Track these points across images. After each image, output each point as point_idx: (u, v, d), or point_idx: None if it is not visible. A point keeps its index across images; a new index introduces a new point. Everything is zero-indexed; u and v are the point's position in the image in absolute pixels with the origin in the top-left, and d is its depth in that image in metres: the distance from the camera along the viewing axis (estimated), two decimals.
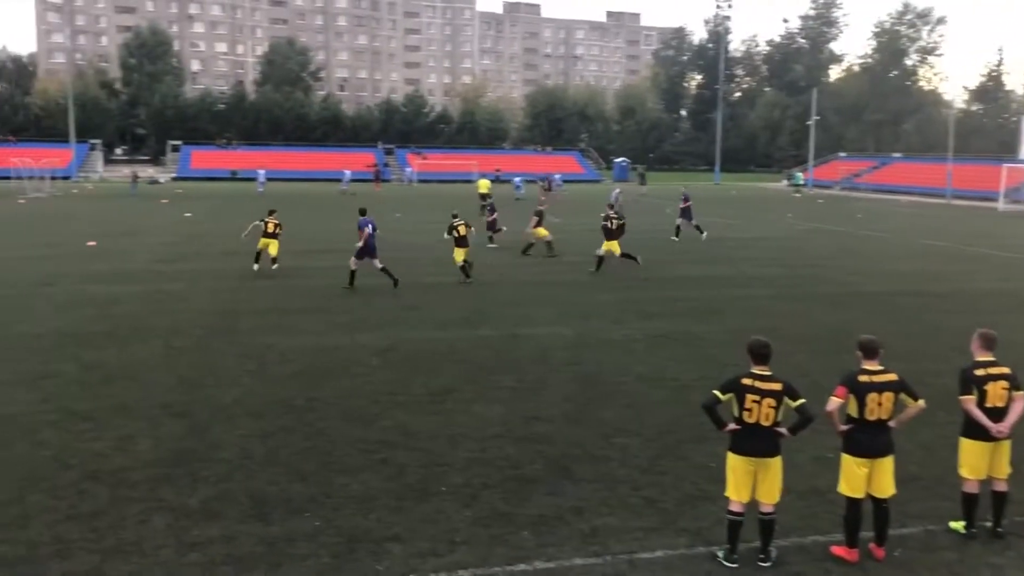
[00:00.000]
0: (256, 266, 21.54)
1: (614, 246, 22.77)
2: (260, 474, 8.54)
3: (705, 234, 31.45)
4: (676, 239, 30.92)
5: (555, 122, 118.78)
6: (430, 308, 17.60)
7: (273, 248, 21.81)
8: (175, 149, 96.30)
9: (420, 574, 6.62)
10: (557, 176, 66.98)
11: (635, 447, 9.49)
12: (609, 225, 22.79)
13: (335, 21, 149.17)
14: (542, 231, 26.22)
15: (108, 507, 7.72)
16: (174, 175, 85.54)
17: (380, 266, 19.54)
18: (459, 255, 21.44)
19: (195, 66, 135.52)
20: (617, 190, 33.99)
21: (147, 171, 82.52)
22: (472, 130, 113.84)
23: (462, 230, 21.55)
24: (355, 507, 7.80)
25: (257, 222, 22.38)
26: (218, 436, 9.65)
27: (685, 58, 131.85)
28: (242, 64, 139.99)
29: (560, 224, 32.44)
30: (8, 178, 63.79)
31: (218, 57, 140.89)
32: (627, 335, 15.23)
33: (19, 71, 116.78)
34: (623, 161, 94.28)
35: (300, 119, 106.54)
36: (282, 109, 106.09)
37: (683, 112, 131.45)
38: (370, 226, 19.73)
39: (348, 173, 66.82)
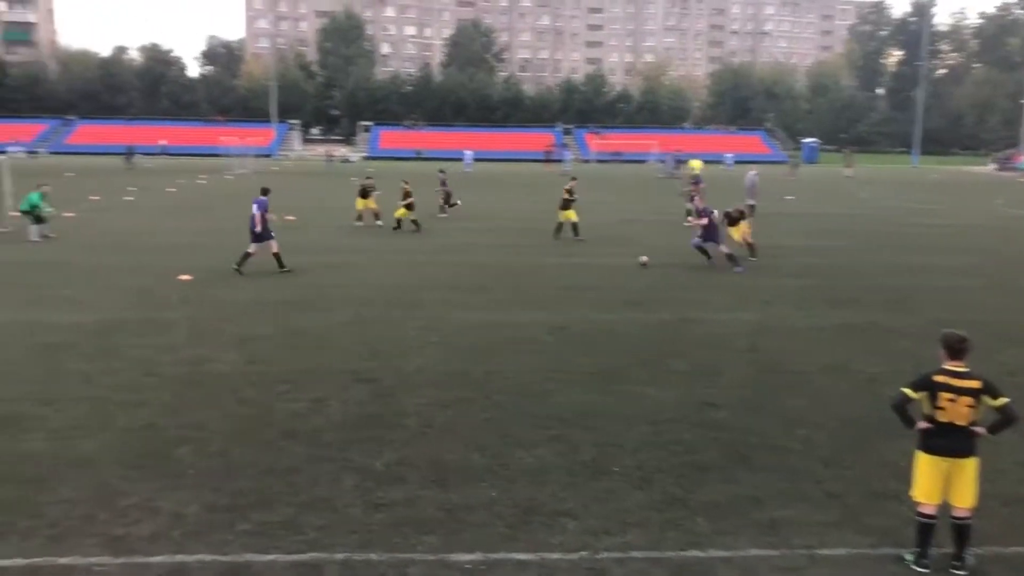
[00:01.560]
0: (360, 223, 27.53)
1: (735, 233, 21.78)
2: (440, 442, 8.86)
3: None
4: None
5: (740, 101, 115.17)
6: (603, 289, 17.57)
7: (366, 204, 28.10)
8: (366, 129, 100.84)
9: (593, 551, 6.67)
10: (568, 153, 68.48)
11: (818, 439, 9.10)
12: (733, 213, 21.82)
13: (519, 2, 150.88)
14: (570, 213, 25.25)
15: (303, 464, 8.25)
16: (364, 154, 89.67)
17: (274, 250, 19.13)
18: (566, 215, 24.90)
19: (385, 49, 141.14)
20: (753, 171, 32.24)
21: (340, 150, 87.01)
22: (652, 109, 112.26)
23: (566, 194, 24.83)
24: (530, 480, 7.95)
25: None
26: (402, 403, 10.08)
27: (884, 33, 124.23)
28: (429, 46, 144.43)
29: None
30: (217, 155, 69.07)
31: (407, 40, 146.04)
32: (812, 323, 14.60)
33: (229, 56, 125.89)
34: (813, 142, 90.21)
35: (482, 100, 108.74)
36: (466, 90, 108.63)
37: (880, 90, 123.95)
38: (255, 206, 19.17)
39: (567, 155, 67.33)
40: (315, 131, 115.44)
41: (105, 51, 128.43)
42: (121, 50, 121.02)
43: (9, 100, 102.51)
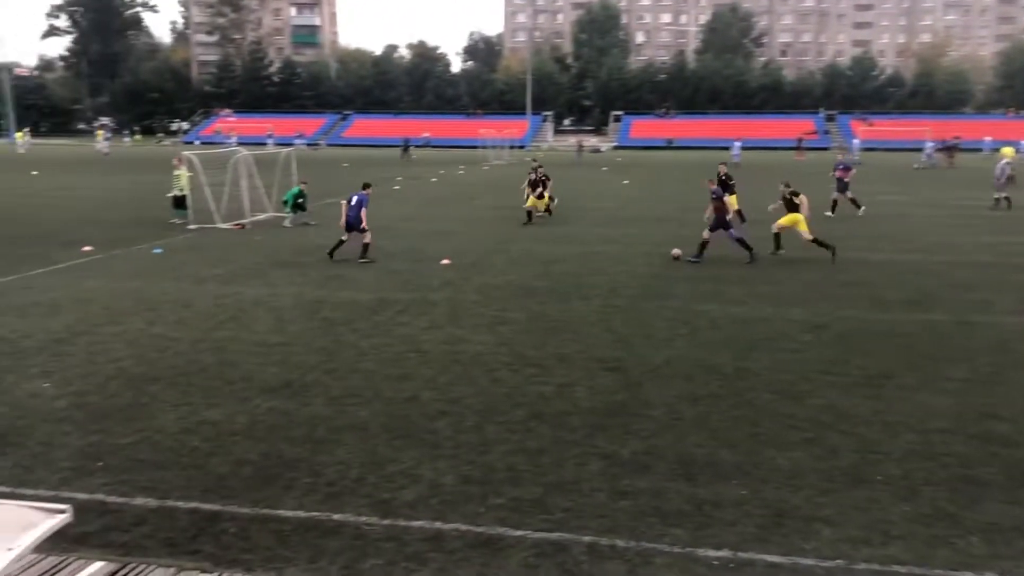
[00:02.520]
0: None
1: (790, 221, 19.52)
2: (688, 435, 8.74)
3: (863, 209, 27.85)
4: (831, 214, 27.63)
5: None
6: (870, 286, 16.46)
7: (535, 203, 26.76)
8: (616, 119, 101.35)
9: (850, 561, 6.29)
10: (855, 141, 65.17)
11: None
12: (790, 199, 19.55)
13: None
14: (536, 200, 26.66)
15: (550, 446, 8.46)
16: (614, 144, 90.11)
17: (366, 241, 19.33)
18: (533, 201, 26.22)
19: (639, 38, 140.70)
20: (1005, 160, 28.59)
21: (590, 140, 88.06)
22: (928, 93, 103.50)
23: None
24: (782, 482, 7.64)
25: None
26: (649, 394, 10.05)
27: None
28: (684, 33, 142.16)
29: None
30: (475, 147, 72.40)
31: (662, 28, 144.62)
32: None
33: (488, 50, 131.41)
34: None
35: (738, 86, 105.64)
36: (721, 77, 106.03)
37: None
38: (354, 199, 19.55)
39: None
40: (567, 122, 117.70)
41: (378, 49, 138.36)
42: (392, 48, 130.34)
43: (296, 97, 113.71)
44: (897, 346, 12.15)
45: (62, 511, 3.82)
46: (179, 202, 25.70)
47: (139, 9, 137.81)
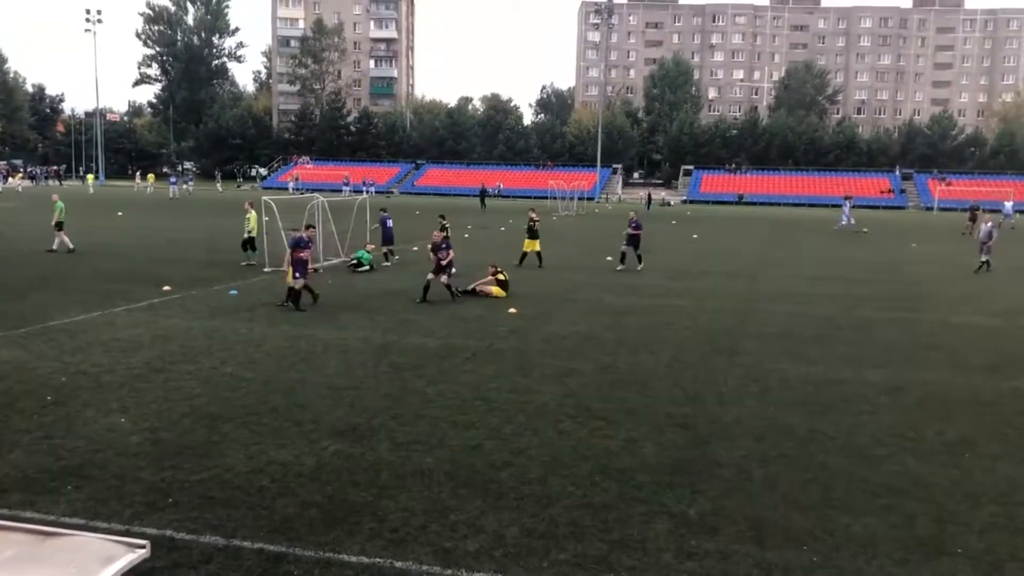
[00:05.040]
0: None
1: None
2: (759, 497, 8.51)
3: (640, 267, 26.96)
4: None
5: None
6: (950, 349, 15.95)
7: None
8: (687, 173, 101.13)
9: None
10: (1009, 204, 59.11)
11: None
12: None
13: (857, 42, 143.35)
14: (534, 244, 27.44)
15: (616, 502, 8.33)
16: (684, 198, 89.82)
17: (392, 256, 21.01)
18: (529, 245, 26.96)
19: (712, 93, 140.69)
20: (990, 223, 27.85)
21: (660, 193, 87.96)
22: (1011, 153, 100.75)
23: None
24: (856, 550, 7.36)
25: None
26: (718, 452, 9.85)
27: None
28: (757, 89, 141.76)
29: None
30: (545, 198, 72.91)
31: (735, 84, 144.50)
32: None
33: (560, 104, 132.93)
34: None
35: (812, 143, 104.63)
36: (794, 133, 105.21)
37: None
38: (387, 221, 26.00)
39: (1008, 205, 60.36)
40: (636, 175, 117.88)
41: (452, 101, 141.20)
42: (466, 100, 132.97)
43: (372, 146, 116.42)
44: (978, 412, 11.70)
45: (142, 546, 3.90)
46: (249, 244, 26.54)
47: (225, 59, 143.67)
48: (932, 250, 34.25)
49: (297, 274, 18.65)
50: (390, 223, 27.83)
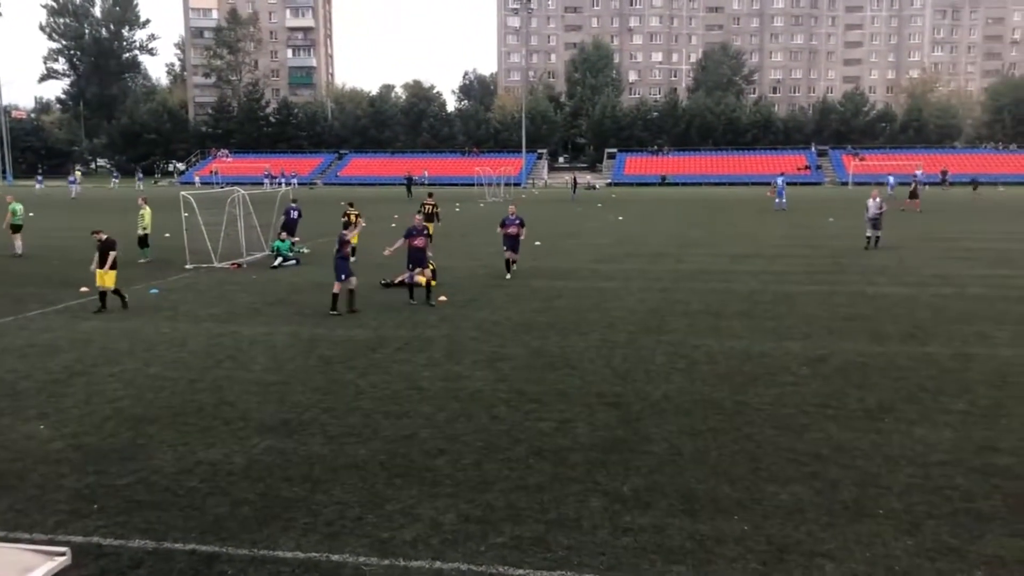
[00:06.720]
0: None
1: None
2: (689, 471, 8.69)
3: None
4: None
5: (1022, 117, 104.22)
6: (868, 319, 16.50)
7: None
8: (611, 156, 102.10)
9: None
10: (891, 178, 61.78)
11: None
12: None
13: (771, 22, 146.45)
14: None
15: (551, 483, 8.41)
16: (609, 181, 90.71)
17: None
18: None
19: (632, 76, 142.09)
20: (877, 195, 28.67)
21: (585, 177, 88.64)
22: (918, 128, 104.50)
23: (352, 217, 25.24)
24: (784, 517, 7.59)
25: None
26: (648, 429, 10.01)
27: None
28: (676, 72, 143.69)
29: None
30: (471, 184, 72.88)
31: (654, 66, 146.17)
32: None
33: (483, 89, 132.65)
34: None
35: (730, 123, 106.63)
36: (713, 114, 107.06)
37: None
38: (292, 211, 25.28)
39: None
40: (561, 159, 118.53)
41: (374, 88, 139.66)
42: (388, 88, 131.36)
43: (293, 136, 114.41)
44: (895, 379, 12.14)
45: (61, 554, 3.78)
46: (143, 240, 25.97)
47: (137, 52, 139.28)
48: (848, 224, 35.33)
49: (342, 275, 17.58)
50: (294, 214, 27.40)
